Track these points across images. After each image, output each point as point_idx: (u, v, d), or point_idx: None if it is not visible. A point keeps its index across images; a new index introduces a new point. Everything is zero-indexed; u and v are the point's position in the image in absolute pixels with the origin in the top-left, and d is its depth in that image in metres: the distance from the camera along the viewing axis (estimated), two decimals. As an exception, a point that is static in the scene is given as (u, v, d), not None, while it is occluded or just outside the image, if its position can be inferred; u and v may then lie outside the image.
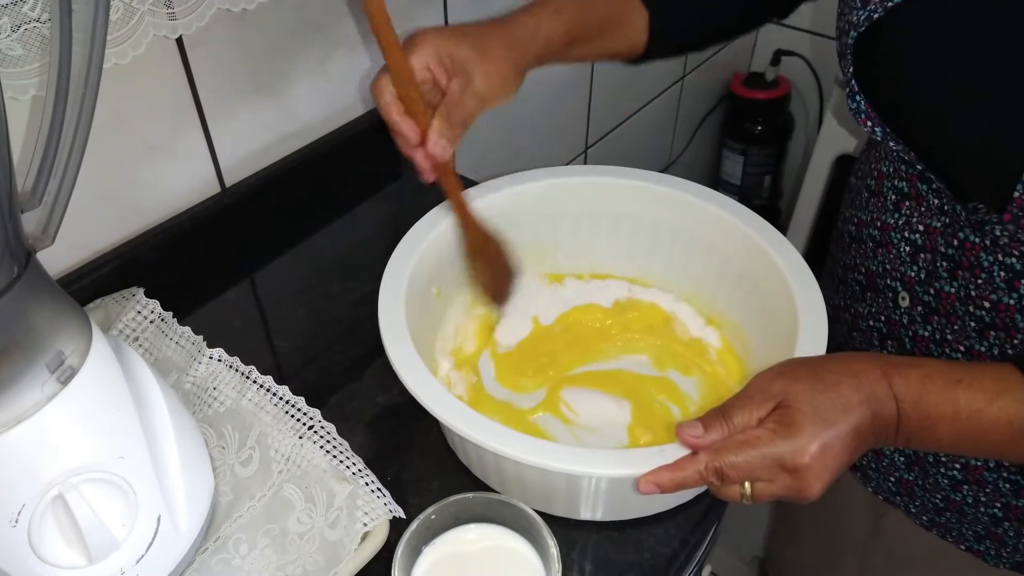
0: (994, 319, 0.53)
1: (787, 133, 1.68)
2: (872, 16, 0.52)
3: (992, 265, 0.52)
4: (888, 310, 0.61)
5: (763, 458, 0.44)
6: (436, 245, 0.61)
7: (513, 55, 0.56)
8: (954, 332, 0.56)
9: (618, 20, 0.62)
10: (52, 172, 0.41)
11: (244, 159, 0.75)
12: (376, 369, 0.64)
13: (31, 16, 0.50)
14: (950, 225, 0.54)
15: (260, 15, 0.67)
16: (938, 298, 0.56)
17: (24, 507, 0.40)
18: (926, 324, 0.58)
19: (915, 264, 0.57)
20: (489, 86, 0.54)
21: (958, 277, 0.55)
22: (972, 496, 0.60)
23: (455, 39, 0.54)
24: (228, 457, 0.53)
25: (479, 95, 0.54)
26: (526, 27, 0.57)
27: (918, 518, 0.66)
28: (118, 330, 0.60)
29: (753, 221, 0.62)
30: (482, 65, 0.54)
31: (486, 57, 0.54)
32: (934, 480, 0.62)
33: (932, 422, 0.46)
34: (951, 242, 0.54)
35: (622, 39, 0.62)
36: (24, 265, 0.39)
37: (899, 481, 0.65)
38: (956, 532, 0.64)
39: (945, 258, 0.55)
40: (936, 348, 0.58)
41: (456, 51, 0.54)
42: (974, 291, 0.54)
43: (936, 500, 0.63)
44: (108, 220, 0.66)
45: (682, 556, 0.52)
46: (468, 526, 0.47)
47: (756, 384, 0.47)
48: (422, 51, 0.53)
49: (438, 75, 0.54)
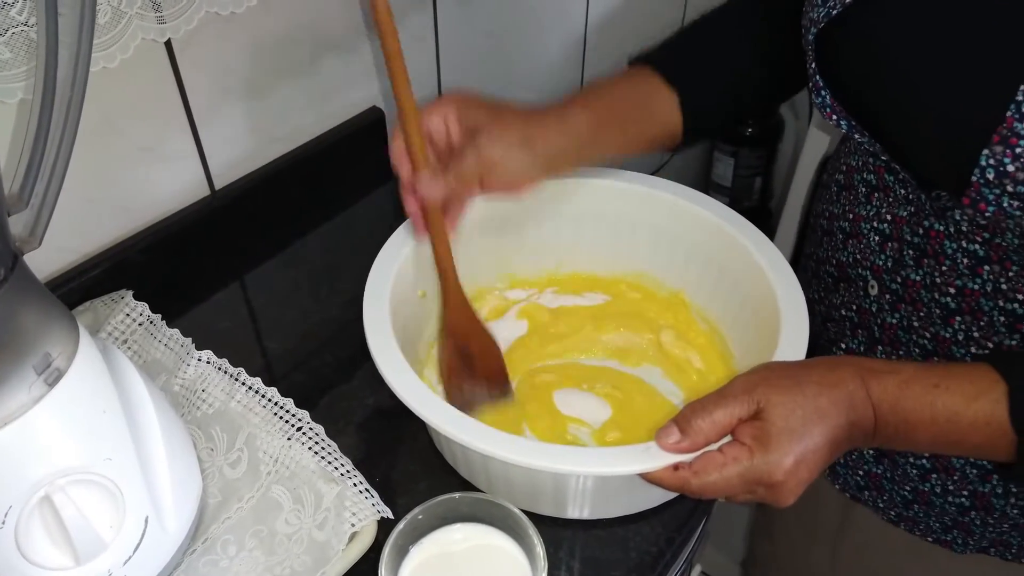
0: (960, 304, 0.54)
1: (777, 135, 1.69)
2: (831, 13, 0.53)
3: (956, 252, 0.53)
4: (859, 299, 0.62)
5: (740, 477, 0.46)
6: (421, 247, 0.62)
7: (527, 129, 0.56)
8: (920, 319, 0.57)
9: (646, 105, 0.61)
10: (39, 175, 0.41)
11: (233, 161, 0.75)
12: (365, 371, 0.64)
13: (19, 20, 0.50)
14: (915, 214, 0.55)
15: (248, 17, 0.67)
16: (904, 286, 0.57)
17: (11, 508, 0.40)
18: (894, 312, 0.59)
19: (883, 253, 0.58)
20: (489, 151, 0.55)
21: (923, 265, 0.56)
22: (940, 485, 0.61)
23: (478, 104, 0.57)
24: (216, 459, 0.54)
25: (479, 158, 0.55)
26: (550, 112, 0.58)
27: (886, 513, 0.67)
28: (107, 332, 0.60)
29: (735, 221, 0.62)
30: (491, 127, 0.55)
31: (497, 122, 0.55)
32: (903, 471, 0.63)
33: (910, 426, 0.47)
34: (916, 231, 0.55)
35: (654, 123, 0.61)
36: (11, 268, 0.40)
37: (867, 475, 0.66)
38: (924, 525, 0.65)
39: (911, 246, 0.56)
40: (904, 335, 0.59)
41: (473, 113, 0.56)
42: (939, 278, 0.55)
43: (904, 492, 0.64)
44: (97, 223, 0.66)
45: (668, 554, 0.53)
46: (455, 526, 0.47)
47: (739, 384, 0.48)
48: (443, 105, 0.56)
49: (453, 132, 0.56)
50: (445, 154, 0.57)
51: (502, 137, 0.55)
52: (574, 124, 0.57)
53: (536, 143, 0.56)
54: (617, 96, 0.61)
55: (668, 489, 0.48)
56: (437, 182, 0.55)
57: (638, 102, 0.61)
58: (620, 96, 0.61)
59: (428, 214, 0.57)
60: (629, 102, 0.61)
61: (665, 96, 0.61)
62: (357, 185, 0.84)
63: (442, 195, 0.55)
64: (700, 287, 0.67)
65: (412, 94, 0.54)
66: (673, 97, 0.61)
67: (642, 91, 0.61)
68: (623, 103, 0.60)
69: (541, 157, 0.56)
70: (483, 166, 0.55)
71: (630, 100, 0.61)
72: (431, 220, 0.57)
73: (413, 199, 0.57)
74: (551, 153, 0.57)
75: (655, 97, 0.61)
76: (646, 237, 0.68)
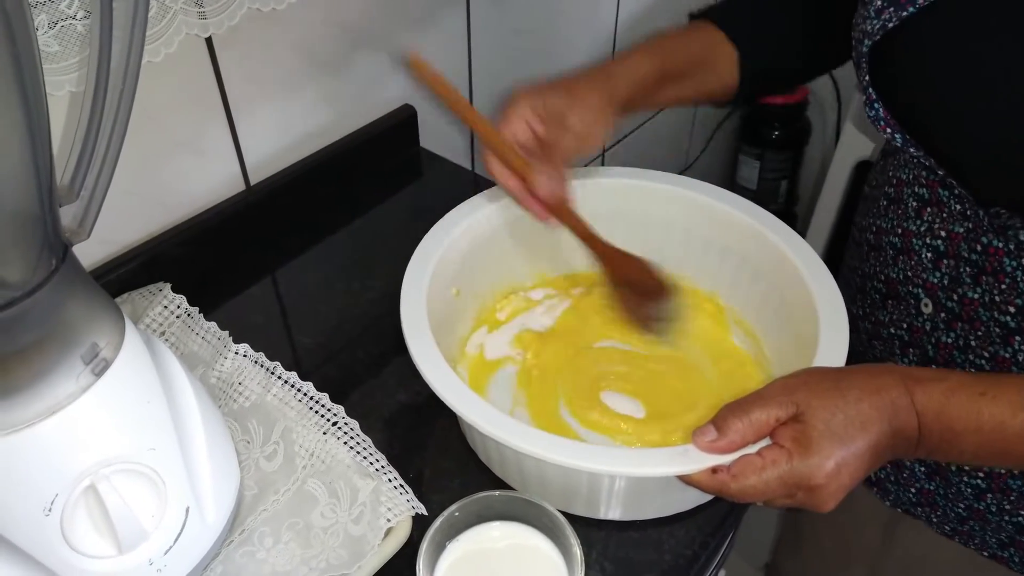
0: (1019, 324, 0.53)
1: (804, 138, 1.67)
2: (887, 26, 0.53)
3: (1016, 270, 0.52)
4: (910, 317, 0.61)
5: (779, 480, 0.45)
6: (458, 244, 0.62)
7: (604, 93, 0.58)
8: (978, 338, 0.56)
9: (708, 60, 0.63)
10: (90, 167, 0.41)
11: (269, 157, 0.75)
12: (396, 366, 0.64)
13: (67, 13, 0.50)
14: (973, 230, 0.54)
15: (289, 14, 0.67)
16: (961, 304, 0.56)
17: (57, 497, 0.41)
18: (949, 331, 0.58)
19: (937, 270, 0.57)
20: (584, 124, 0.57)
21: (981, 282, 0.54)
22: (996, 504, 0.60)
23: (547, 90, 0.58)
24: (253, 451, 0.54)
25: (575, 134, 0.57)
26: (617, 68, 0.60)
27: (939, 528, 0.66)
28: (145, 324, 0.60)
29: (772, 223, 0.62)
30: (574, 106, 0.57)
31: (577, 99, 0.57)
32: (957, 489, 0.62)
33: (955, 435, 0.46)
34: (974, 247, 0.54)
35: (712, 78, 0.64)
36: (62, 259, 0.40)
37: (920, 492, 0.65)
38: (979, 539, 0.64)
39: (968, 263, 0.55)
40: (960, 355, 0.58)
41: (549, 100, 0.58)
42: (998, 296, 0.54)
43: (959, 509, 0.63)
44: (135, 216, 0.67)
45: (703, 558, 0.52)
46: (491, 523, 0.47)
47: (779, 386, 0.48)
48: (517, 108, 0.58)
49: (536, 127, 0.58)
50: (537, 149, 0.58)
51: (588, 108, 0.57)
52: (639, 75, 0.60)
53: (613, 101, 0.58)
54: (680, 49, 0.63)
55: (706, 492, 0.48)
56: (554, 180, 0.57)
57: (699, 56, 0.63)
58: (682, 49, 0.63)
59: (553, 205, 0.59)
60: (690, 55, 0.63)
61: (726, 52, 0.63)
62: (389, 181, 0.84)
63: (562, 188, 0.58)
64: (735, 290, 0.66)
65: (481, 116, 0.57)
66: (733, 53, 0.63)
67: (704, 45, 0.63)
68: (685, 57, 0.63)
69: (618, 111, 0.59)
70: (578, 141, 0.57)
71: (692, 54, 0.63)
72: (558, 209, 0.59)
73: (534, 202, 0.58)
74: (624, 105, 0.59)
75: (716, 52, 0.63)
76: (679, 238, 0.67)
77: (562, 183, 0.58)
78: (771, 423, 0.46)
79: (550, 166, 0.57)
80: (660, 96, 0.62)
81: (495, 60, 0.97)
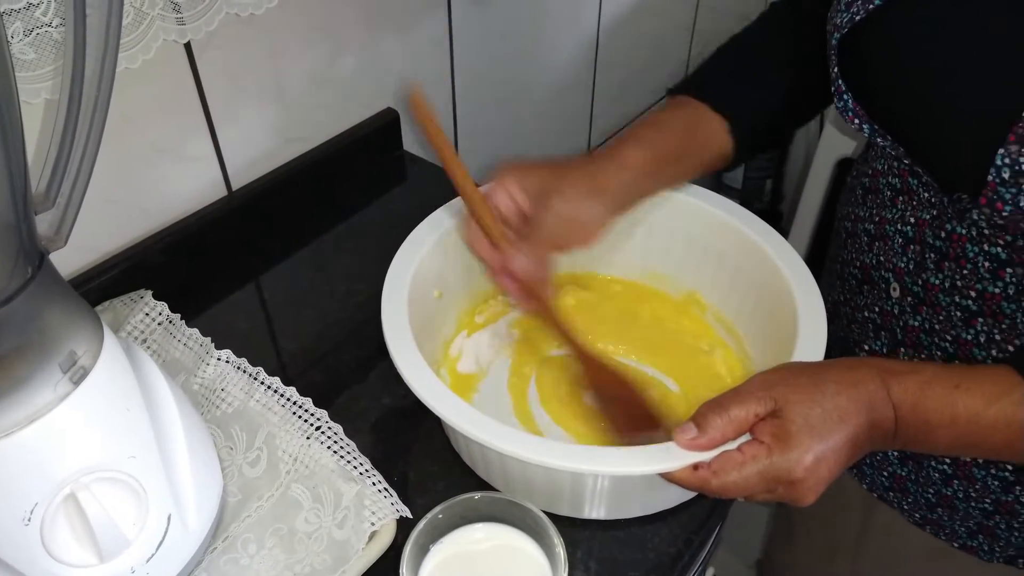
0: (981, 307, 0.54)
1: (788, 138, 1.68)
2: (854, 19, 0.54)
3: (977, 256, 0.53)
4: (881, 301, 0.62)
5: (759, 475, 0.46)
6: (438, 249, 0.62)
7: (592, 178, 0.57)
8: (941, 322, 0.57)
9: (698, 135, 0.62)
10: (65, 174, 0.41)
11: (251, 162, 0.75)
12: (381, 370, 0.64)
13: (43, 20, 0.50)
14: (937, 217, 0.55)
15: (267, 19, 0.67)
16: (925, 288, 0.57)
17: (36, 506, 0.41)
18: (915, 314, 0.59)
19: (905, 255, 0.58)
20: (569, 208, 0.55)
21: (944, 268, 0.55)
22: (963, 491, 0.61)
23: (534, 167, 0.57)
24: (236, 457, 0.54)
25: (560, 218, 0.55)
26: (607, 155, 0.59)
27: (911, 515, 0.66)
28: (127, 332, 0.60)
29: (751, 222, 0.63)
30: (561, 188, 0.56)
31: (562, 180, 0.56)
32: (926, 474, 0.63)
33: (930, 427, 0.47)
34: (938, 234, 0.55)
35: (708, 151, 0.63)
36: (38, 266, 0.40)
37: (892, 476, 0.66)
38: (949, 529, 0.64)
39: (933, 249, 0.56)
40: (926, 337, 0.59)
41: (535, 177, 0.57)
42: (960, 281, 0.55)
43: (928, 495, 0.64)
44: (116, 222, 0.67)
45: (687, 555, 0.53)
46: (475, 525, 0.47)
47: (758, 382, 0.48)
48: (504, 180, 0.57)
49: (521, 203, 0.57)
50: (518, 225, 0.57)
51: (574, 192, 0.56)
52: (632, 164, 0.58)
53: (603, 191, 0.57)
54: (667, 130, 0.61)
55: (688, 489, 0.48)
56: (527, 257, 0.55)
57: (688, 133, 0.62)
58: (670, 130, 0.61)
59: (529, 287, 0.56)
60: (680, 134, 0.61)
61: (714, 124, 0.62)
62: (372, 185, 0.84)
63: (536, 267, 0.56)
64: (715, 287, 0.67)
65: (472, 182, 0.56)
66: (722, 123, 0.62)
67: (690, 121, 0.62)
68: (675, 136, 0.61)
69: (610, 203, 0.57)
70: (561, 225, 0.56)
71: (680, 132, 0.61)
72: (534, 293, 0.57)
73: (506, 278, 0.56)
74: (617, 197, 0.57)
75: (704, 126, 0.62)
76: (661, 237, 0.68)
77: (540, 266, 0.56)
78: (750, 419, 0.47)
79: (529, 246, 0.55)
80: (659, 179, 0.60)
81: (478, 63, 0.97)
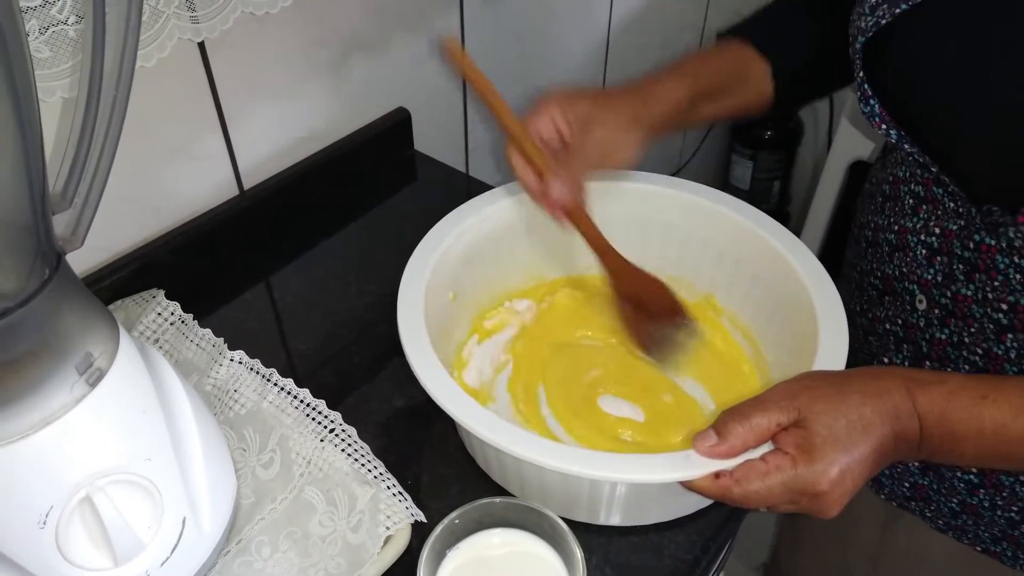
0: (1012, 321, 0.53)
1: (797, 139, 1.68)
2: (880, 22, 0.53)
3: (1008, 268, 0.52)
4: (905, 313, 0.61)
5: (783, 486, 0.45)
6: (455, 248, 0.61)
7: (634, 111, 0.59)
8: (971, 335, 0.56)
9: (740, 74, 0.65)
10: (83, 174, 0.41)
11: (263, 161, 0.75)
12: (392, 371, 0.64)
13: (59, 18, 0.50)
14: (965, 228, 0.54)
15: (281, 18, 0.67)
16: (955, 301, 0.56)
17: (52, 509, 0.40)
18: (943, 327, 0.58)
19: (932, 267, 0.57)
20: (608, 135, 0.57)
21: (974, 280, 0.55)
22: (988, 500, 0.60)
23: (578, 95, 0.59)
24: (249, 459, 0.54)
25: (599, 145, 0.57)
26: (650, 88, 0.61)
27: (933, 522, 0.66)
28: (139, 332, 0.60)
29: (769, 225, 0.62)
30: (602, 117, 0.58)
31: (606, 110, 0.58)
32: (950, 484, 0.62)
33: (956, 439, 0.46)
34: (967, 245, 0.54)
35: (747, 93, 0.65)
36: (55, 267, 0.39)
37: (914, 486, 0.65)
38: (972, 534, 0.64)
39: (961, 261, 0.55)
40: (953, 351, 0.58)
41: (578, 105, 0.58)
42: (991, 294, 0.54)
43: (952, 504, 0.63)
44: (128, 222, 0.67)
45: (703, 563, 0.52)
46: (492, 531, 0.47)
47: (780, 391, 0.47)
48: (547, 106, 0.58)
49: (563, 130, 0.58)
50: (560, 150, 0.59)
51: (615, 121, 0.58)
52: (672, 98, 0.61)
53: (642, 121, 0.59)
54: (711, 67, 0.64)
55: (709, 497, 0.47)
56: (567, 186, 0.57)
57: (732, 72, 0.64)
58: (715, 67, 0.64)
59: (567, 209, 0.59)
60: (723, 72, 0.64)
61: (758, 65, 0.64)
62: (384, 185, 0.83)
63: (573, 192, 0.58)
64: (731, 291, 0.66)
65: (508, 108, 0.57)
66: (765, 66, 0.64)
67: (735, 61, 0.64)
68: (717, 74, 0.64)
69: (647, 130, 0.59)
70: (600, 151, 0.57)
71: (724, 70, 0.64)
72: (572, 214, 0.59)
73: (547, 202, 0.58)
74: (655, 127, 0.60)
75: (748, 66, 0.64)
76: (676, 240, 0.67)
77: (577, 190, 0.58)
78: (772, 428, 0.46)
79: (568, 171, 0.57)
80: (696, 114, 0.63)
81: (489, 62, 0.96)
